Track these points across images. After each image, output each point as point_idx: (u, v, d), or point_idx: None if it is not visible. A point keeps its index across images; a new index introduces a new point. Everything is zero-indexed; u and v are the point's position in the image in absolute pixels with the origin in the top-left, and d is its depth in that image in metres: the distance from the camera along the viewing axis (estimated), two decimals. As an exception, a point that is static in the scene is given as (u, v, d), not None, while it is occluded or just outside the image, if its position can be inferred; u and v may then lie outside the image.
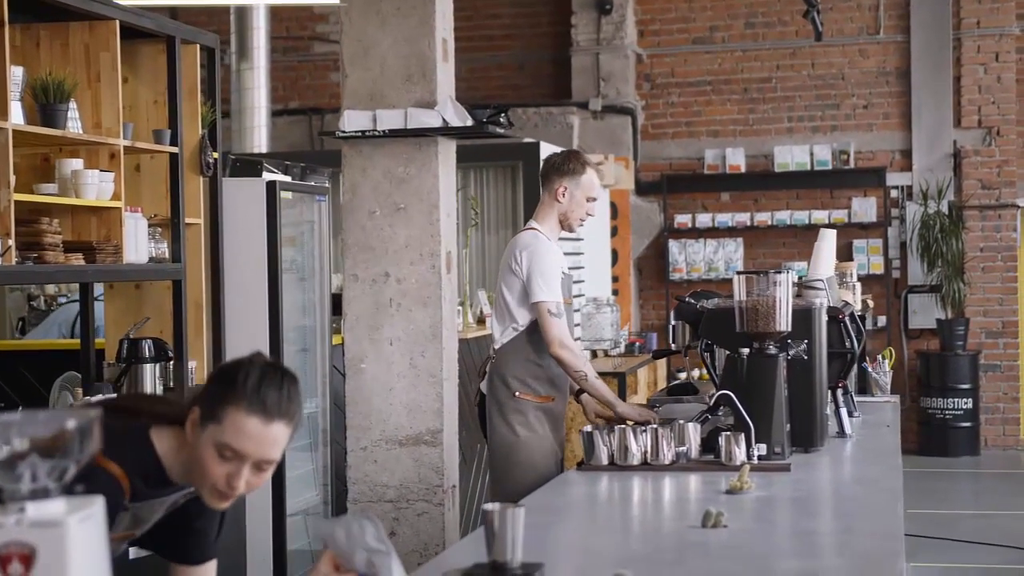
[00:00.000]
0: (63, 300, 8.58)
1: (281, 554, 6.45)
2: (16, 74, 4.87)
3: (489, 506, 2.77)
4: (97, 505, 1.85)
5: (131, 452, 2.71)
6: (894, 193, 12.83)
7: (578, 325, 9.99)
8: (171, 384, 5.76)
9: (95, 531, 1.85)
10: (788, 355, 4.49)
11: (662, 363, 10.91)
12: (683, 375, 10.03)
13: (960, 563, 8.30)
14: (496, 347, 5.43)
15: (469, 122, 5.54)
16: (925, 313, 12.68)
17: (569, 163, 5.42)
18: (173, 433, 2.75)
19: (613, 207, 12.45)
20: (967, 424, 12.35)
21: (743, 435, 4.24)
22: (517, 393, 5.32)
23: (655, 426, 4.35)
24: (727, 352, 4.59)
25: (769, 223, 12.88)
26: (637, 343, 10.85)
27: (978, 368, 12.48)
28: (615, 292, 12.29)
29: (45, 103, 4.97)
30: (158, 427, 2.77)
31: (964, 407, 12.31)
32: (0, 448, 1.81)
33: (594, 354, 10.30)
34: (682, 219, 13.04)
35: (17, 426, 1.82)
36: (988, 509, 10.20)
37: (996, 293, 12.70)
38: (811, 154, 12.83)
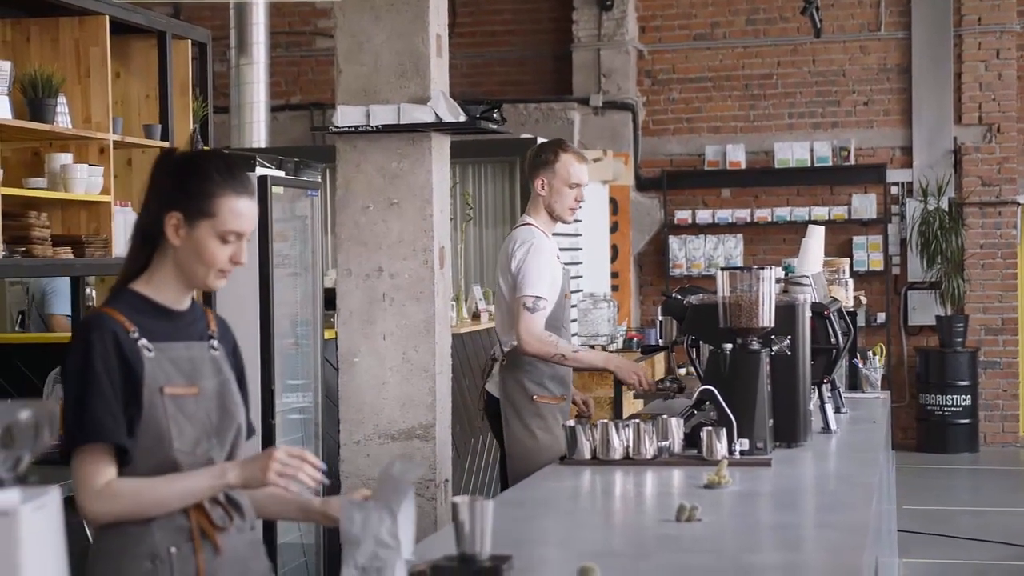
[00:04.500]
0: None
1: (271, 547, 6.46)
2: (4, 68, 4.90)
3: (458, 499, 2.79)
4: (51, 495, 1.87)
5: (119, 301, 2.93)
6: (894, 190, 12.83)
7: (575, 320, 10.01)
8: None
9: (49, 520, 1.87)
10: (771, 351, 4.50)
11: (661, 358, 10.90)
12: (683, 371, 10.00)
13: (956, 559, 8.31)
14: (506, 349, 5.39)
15: (462, 118, 5.53)
16: (925, 310, 12.68)
17: (542, 154, 5.40)
18: (145, 276, 2.95)
19: (613, 203, 12.47)
20: (966, 421, 12.35)
21: (725, 430, 4.25)
22: (535, 396, 5.29)
23: (637, 421, 4.36)
24: (711, 348, 4.60)
25: (769, 219, 12.88)
26: (636, 339, 10.82)
27: (977, 365, 12.48)
28: (615, 288, 12.30)
29: (33, 97, 4.99)
30: (132, 281, 2.96)
31: (963, 404, 12.31)
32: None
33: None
34: (682, 215, 13.05)
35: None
36: (986, 506, 10.19)
37: (996, 290, 12.70)
38: (811, 150, 12.83)
